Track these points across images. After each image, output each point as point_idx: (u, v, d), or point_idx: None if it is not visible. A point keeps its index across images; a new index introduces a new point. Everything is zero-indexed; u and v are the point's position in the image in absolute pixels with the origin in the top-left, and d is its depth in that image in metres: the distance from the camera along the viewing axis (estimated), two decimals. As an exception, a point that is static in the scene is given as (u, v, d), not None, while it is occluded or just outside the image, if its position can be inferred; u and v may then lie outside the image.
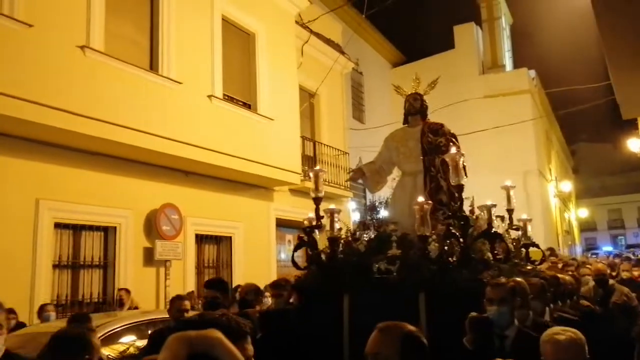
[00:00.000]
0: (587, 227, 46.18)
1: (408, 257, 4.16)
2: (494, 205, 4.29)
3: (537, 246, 5.20)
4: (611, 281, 6.89)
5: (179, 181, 9.19)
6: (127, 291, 7.67)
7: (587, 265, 8.87)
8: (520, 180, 19.91)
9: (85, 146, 7.49)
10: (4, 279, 6.51)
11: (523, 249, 5.10)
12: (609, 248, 39.14)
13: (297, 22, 12.17)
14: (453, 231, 4.07)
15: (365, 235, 4.78)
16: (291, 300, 4.82)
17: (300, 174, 11.01)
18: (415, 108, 5.44)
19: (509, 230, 5.16)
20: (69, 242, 7.68)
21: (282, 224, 11.70)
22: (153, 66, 8.29)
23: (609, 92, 8.94)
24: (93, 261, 7.94)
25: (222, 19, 9.70)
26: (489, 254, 4.20)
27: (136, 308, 7.36)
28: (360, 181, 6.01)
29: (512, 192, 5.29)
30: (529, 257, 5.10)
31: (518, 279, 3.68)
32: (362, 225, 5.11)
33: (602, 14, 4.92)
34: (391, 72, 22.01)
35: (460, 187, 4.19)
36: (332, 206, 4.67)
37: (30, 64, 6.47)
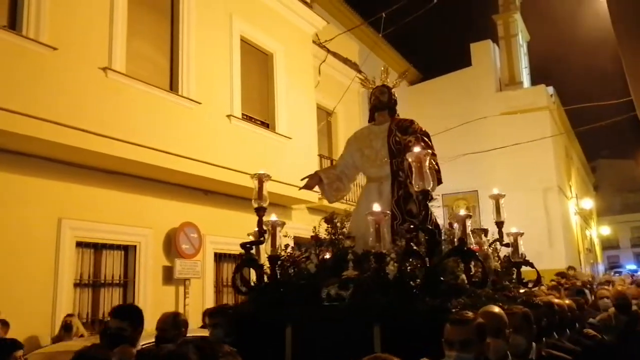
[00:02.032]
0: (609, 245, 45.35)
1: (361, 281, 3.43)
2: (469, 216, 3.51)
3: (530, 265, 4.42)
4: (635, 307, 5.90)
5: (198, 200, 9.26)
6: (71, 315, 6.86)
7: (606, 287, 7.71)
8: (540, 198, 19.72)
9: (107, 165, 7.59)
10: (27, 297, 6.59)
11: (514, 269, 4.38)
12: (633, 266, 38.36)
13: (314, 42, 12.30)
14: (415, 248, 3.34)
15: (322, 254, 4.00)
16: None
17: (318, 192, 11.02)
18: (382, 102, 4.71)
19: (496, 246, 4.47)
20: (89, 261, 7.76)
21: (301, 242, 11.68)
22: (173, 87, 8.41)
23: (630, 108, 8.85)
24: (113, 280, 8.00)
25: (241, 39, 9.84)
26: (464, 277, 3.44)
27: (82, 336, 6.54)
28: (317, 189, 5.18)
29: (501, 202, 4.55)
30: (522, 279, 4.38)
31: (493, 309, 2.90)
32: (316, 240, 4.17)
33: (621, 30, 4.89)
34: (408, 90, 22.05)
35: (425, 194, 3.45)
36: (272, 217, 3.95)
37: (54, 86, 6.61)
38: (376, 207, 3.43)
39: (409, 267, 3.37)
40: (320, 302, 3.50)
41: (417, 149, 3.52)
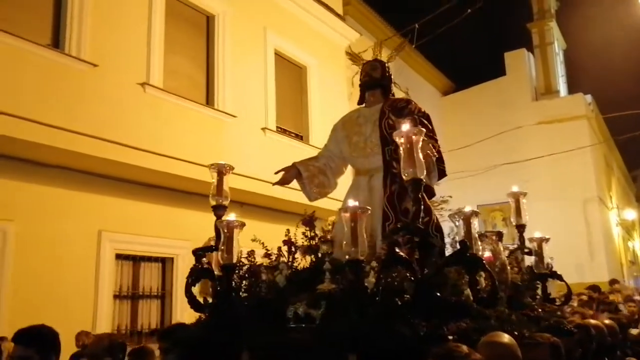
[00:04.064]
0: (653, 257, 43.86)
1: (334, 297, 2.71)
2: (475, 214, 2.72)
3: (558, 277, 3.59)
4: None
5: (234, 212, 9.32)
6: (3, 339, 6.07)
7: (636, 297, 6.80)
8: (580, 209, 19.21)
9: (145, 179, 7.72)
10: (69, 309, 6.72)
11: (538, 282, 3.57)
12: (678, 279, 36.98)
13: (347, 54, 12.32)
14: (402, 255, 2.50)
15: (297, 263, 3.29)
16: None
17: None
18: (373, 79, 3.98)
19: (517, 254, 3.69)
20: (128, 273, 7.89)
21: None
22: (209, 100, 8.54)
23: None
24: (152, 291, 8.10)
25: (275, 53, 9.94)
26: (469, 292, 2.67)
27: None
28: (291, 185, 4.30)
29: (523, 201, 3.79)
30: (548, 294, 3.58)
31: (500, 338, 2.19)
32: (289, 246, 3.35)
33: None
34: (441, 100, 21.88)
35: (416, 184, 2.59)
36: (231, 215, 3.25)
37: (94, 101, 6.79)
38: (351, 202, 2.64)
39: (395, 279, 2.61)
40: (285, 323, 2.80)
41: (405, 127, 2.66)
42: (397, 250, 2.53)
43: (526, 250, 3.74)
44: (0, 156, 6.37)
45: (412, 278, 2.53)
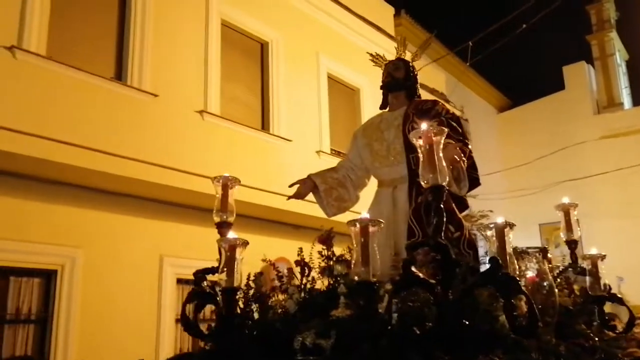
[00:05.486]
0: None
1: (345, 325, 2.32)
2: (511, 226, 2.25)
3: (618, 300, 2.97)
4: None
5: (289, 235, 9.38)
6: None
7: None
8: (652, 226, 18.28)
9: (203, 204, 7.87)
10: (132, 335, 6.90)
11: (594, 306, 2.94)
12: None
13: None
14: (418, 274, 2.08)
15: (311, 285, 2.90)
16: None
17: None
18: (396, 80, 3.66)
19: (568, 273, 3.18)
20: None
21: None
22: (265, 125, 8.69)
23: None
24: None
25: (328, 76, 10.04)
26: (504, 319, 2.17)
27: None
28: (311, 198, 3.88)
29: (574, 213, 3.25)
30: (606, 320, 2.93)
31: None
32: (302, 267, 3.02)
33: None
34: (497, 117, 21.45)
35: (436, 192, 2.16)
36: (230, 234, 2.83)
37: (155, 130, 7.04)
38: (364, 214, 2.30)
39: (414, 304, 2.24)
40: (292, 355, 2.42)
41: (424, 126, 2.21)
42: (414, 269, 2.09)
43: (579, 269, 3.18)
44: (72, 185, 6.68)
45: (434, 303, 2.10)
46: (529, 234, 15.52)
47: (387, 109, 3.77)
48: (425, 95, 13.70)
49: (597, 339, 2.73)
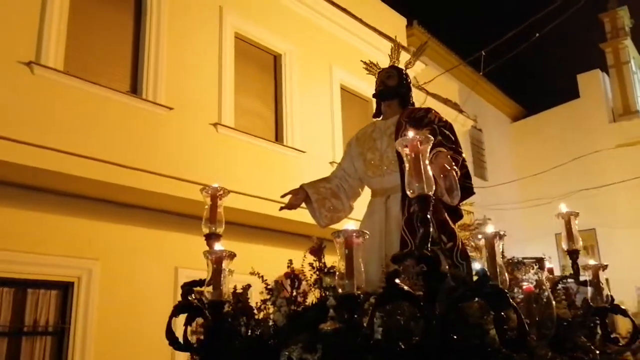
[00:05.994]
0: None
1: (332, 339, 2.29)
2: (500, 236, 2.14)
3: (621, 311, 2.88)
4: None
5: (300, 246, 9.38)
6: None
7: None
8: (670, 236, 18.02)
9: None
10: (148, 346, 6.91)
11: (596, 318, 2.88)
12: None
13: (413, 85, 12.32)
14: (402, 286, 1.99)
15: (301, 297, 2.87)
16: None
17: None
18: (389, 88, 3.58)
19: (570, 284, 3.11)
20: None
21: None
22: (278, 137, 8.74)
23: None
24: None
25: (341, 87, 10.09)
26: (494, 332, 2.09)
27: None
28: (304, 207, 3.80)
29: (575, 222, 3.13)
30: (609, 332, 2.83)
31: None
32: (292, 279, 3.04)
33: None
34: (511, 126, 21.35)
35: (422, 201, 2.06)
36: (217, 246, 2.77)
37: (170, 142, 7.11)
38: (350, 225, 2.20)
39: (400, 318, 2.18)
40: None
41: (410, 134, 2.13)
42: (398, 281, 1.99)
43: (580, 280, 3.11)
44: (88, 198, 6.76)
45: (420, 316, 2.01)
46: (545, 244, 15.35)
47: (380, 117, 3.68)
48: (438, 105, 13.70)
49: (598, 352, 2.65)
